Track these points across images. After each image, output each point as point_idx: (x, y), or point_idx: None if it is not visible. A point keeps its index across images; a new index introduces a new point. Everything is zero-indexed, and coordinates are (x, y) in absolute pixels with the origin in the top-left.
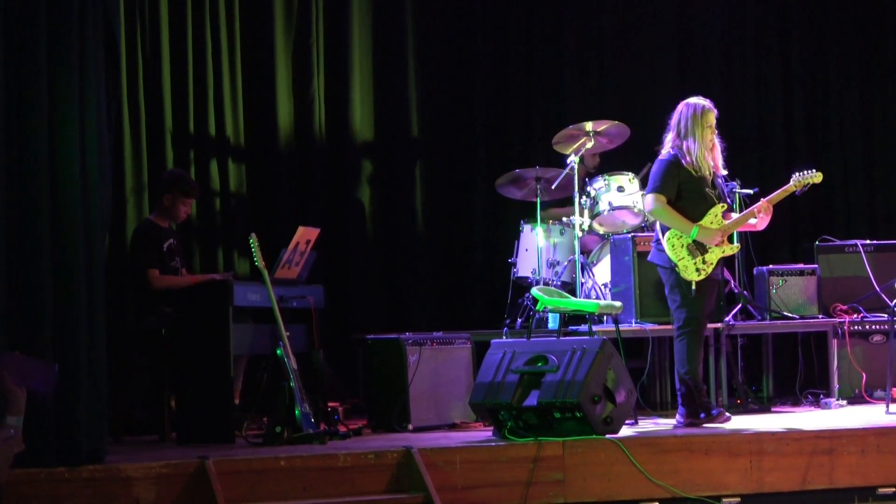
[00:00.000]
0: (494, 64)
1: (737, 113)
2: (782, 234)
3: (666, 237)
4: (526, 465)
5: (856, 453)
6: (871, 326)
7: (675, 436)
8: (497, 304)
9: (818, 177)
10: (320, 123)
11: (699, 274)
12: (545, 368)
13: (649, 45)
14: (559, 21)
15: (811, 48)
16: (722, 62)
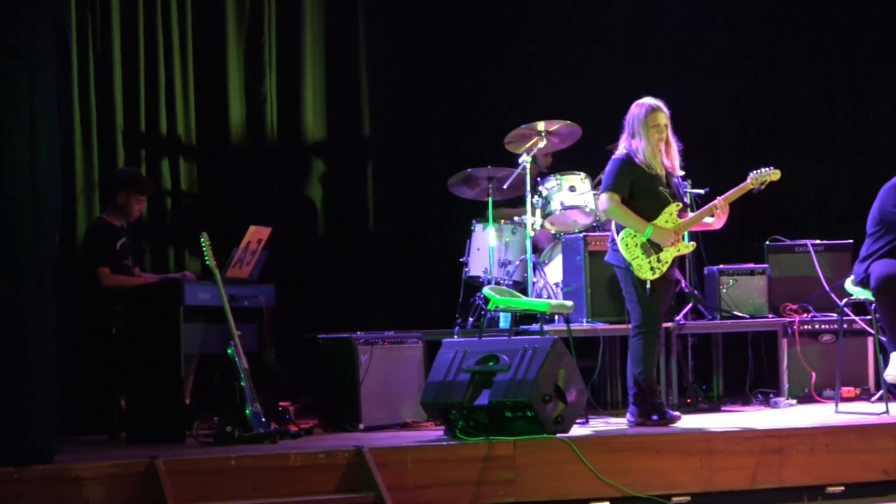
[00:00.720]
0: (447, 63)
1: (689, 113)
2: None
3: (620, 236)
4: (477, 464)
5: (805, 452)
6: (821, 326)
7: (626, 435)
8: (449, 303)
9: (776, 174)
10: (272, 122)
11: (654, 273)
12: (496, 368)
13: (602, 44)
14: (512, 20)
15: (763, 49)
16: (675, 62)
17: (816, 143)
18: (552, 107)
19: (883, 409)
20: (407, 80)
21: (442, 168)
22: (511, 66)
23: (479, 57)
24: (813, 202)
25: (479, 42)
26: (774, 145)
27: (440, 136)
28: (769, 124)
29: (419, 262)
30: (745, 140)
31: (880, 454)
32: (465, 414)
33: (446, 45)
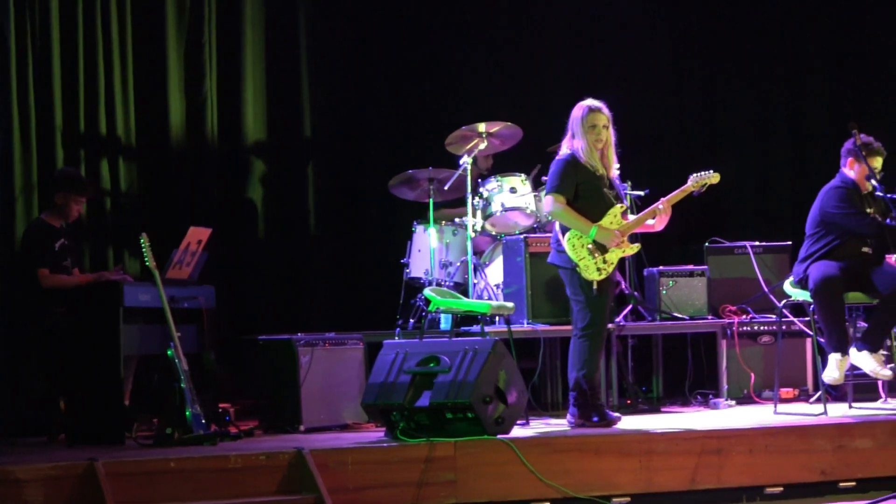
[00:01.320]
0: (388, 64)
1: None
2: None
3: (566, 237)
4: (418, 465)
5: (744, 453)
6: (760, 327)
7: (567, 436)
8: (389, 304)
9: (715, 177)
10: (213, 123)
11: (600, 273)
12: (437, 369)
13: (543, 46)
14: (454, 21)
15: (704, 52)
16: (616, 64)
17: (756, 145)
18: (493, 108)
19: (821, 410)
20: (348, 82)
21: (383, 169)
22: (452, 68)
23: (421, 58)
24: (752, 204)
25: (420, 43)
26: (714, 147)
27: (381, 137)
28: (710, 127)
29: (360, 264)
30: (686, 142)
31: (819, 455)
32: (406, 415)
33: (388, 47)
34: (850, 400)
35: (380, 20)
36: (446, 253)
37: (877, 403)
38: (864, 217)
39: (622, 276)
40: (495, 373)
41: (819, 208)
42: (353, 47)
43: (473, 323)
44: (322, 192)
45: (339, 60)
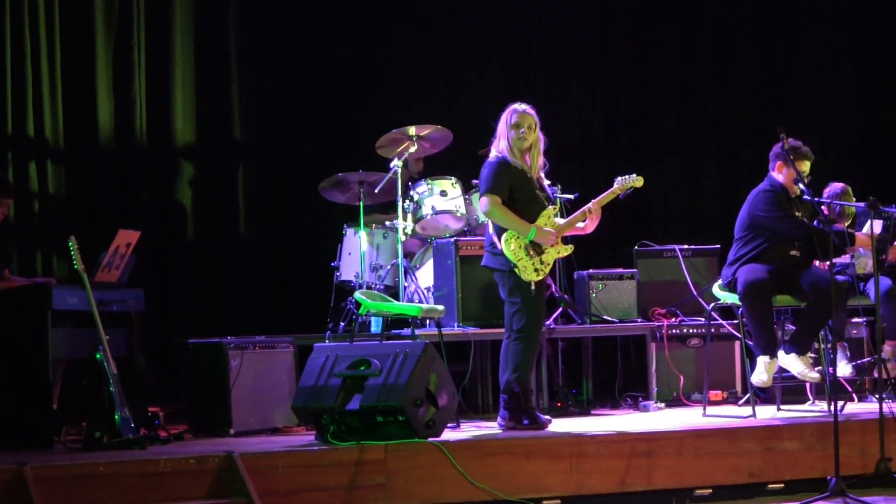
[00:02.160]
0: (319, 66)
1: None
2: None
3: (503, 239)
4: (348, 468)
5: (673, 455)
6: (689, 330)
7: (497, 439)
8: (320, 307)
9: (639, 181)
10: (142, 125)
11: (538, 275)
12: (368, 372)
13: (473, 50)
14: (384, 24)
15: (632, 57)
16: (544, 68)
17: (684, 149)
18: (424, 112)
19: (750, 413)
20: (278, 84)
21: (313, 172)
22: (383, 71)
23: (351, 61)
24: (681, 207)
25: (351, 46)
26: (643, 151)
27: (312, 140)
28: (638, 130)
29: (290, 267)
30: (615, 146)
31: (747, 457)
32: (337, 419)
33: (318, 50)
34: (778, 402)
35: (310, 23)
36: (377, 256)
37: (805, 406)
38: (793, 220)
39: (552, 279)
40: (426, 376)
41: (748, 212)
42: (284, 50)
43: (404, 326)
44: (252, 194)
45: (270, 63)
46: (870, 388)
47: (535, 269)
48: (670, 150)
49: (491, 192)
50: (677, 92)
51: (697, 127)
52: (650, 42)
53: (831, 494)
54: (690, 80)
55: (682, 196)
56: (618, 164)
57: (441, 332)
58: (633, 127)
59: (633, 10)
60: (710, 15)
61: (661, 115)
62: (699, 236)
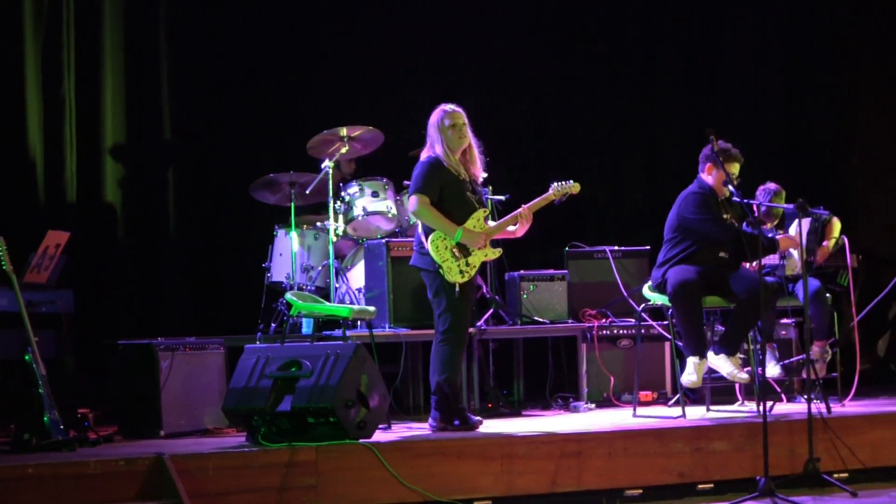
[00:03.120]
0: (250, 67)
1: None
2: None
3: (430, 239)
4: (279, 470)
5: (603, 456)
6: (619, 331)
7: (429, 440)
8: (251, 308)
9: (576, 187)
10: (71, 125)
11: (463, 276)
12: (299, 373)
13: (404, 51)
14: (315, 25)
15: (562, 59)
16: (476, 70)
17: (614, 150)
18: (355, 113)
19: (679, 413)
20: (209, 84)
21: (244, 173)
22: (314, 72)
23: (282, 62)
24: (611, 209)
25: (281, 46)
26: (574, 153)
27: (242, 140)
28: (569, 133)
29: (221, 268)
30: (546, 148)
31: (677, 457)
32: (268, 420)
33: (249, 50)
34: (707, 403)
35: (241, 23)
36: (308, 257)
37: (734, 406)
38: (721, 223)
39: (483, 280)
40: (357, 377)
41: (677, 214)
42: (215, 50)
43: (335, 327)
44: (182, 195)
45: (200, 63)
46: (798, 389)
47: (460, 271)
48: (600, 152)
49: (420, 191)
50: (607, 94)
51: (627, 129)
52: (579, 45)
53: (760, 494)
54: (619, 83)
55: (612, 197)
56: (548, 166)
57: (372, 334)
58: (563, 129)
59: (561, 14)
60: (638, 19)
61: (591, 117)
62: (629, 238)
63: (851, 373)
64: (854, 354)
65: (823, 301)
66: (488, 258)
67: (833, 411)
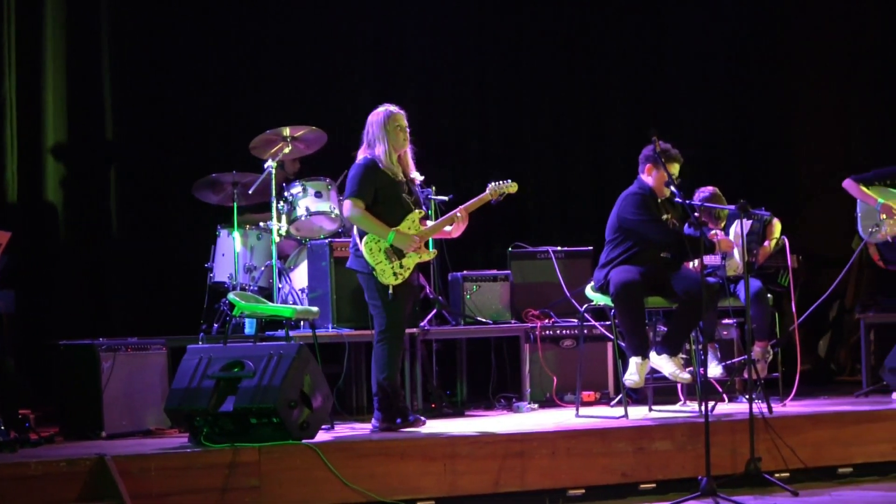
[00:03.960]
0: (192, 66)
1: (432, 121)
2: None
3: (364, 242)
4: (222, 471)
5: (546, 456)
6: (562, 331)
7: (371, 440)
8: (193, 309)
9: (513, 187)
10: (12, 125)
11: (396, 278)
12: (241, 374)
13: (348, 51)
14: (259, 24)
15: (506, 59)
16: (419, 71)
17: (557, 151)
18: (298, 112)
19: (622, 413)
20: (151, 83)
21: (187, 173)
22: (257, 71)
23: (225, 61)
24: (554, 209)
25: (224, 46)
26: (517, 154)
27: (185, 140)
28: (512, 134)
29: (163, 268)
30: (489, 148)
31: (619, 457)
32: (210, 421)
33: (192, 49)
34: (650, 403)
35: (183, 22)
36: (250, 257)
37: (676, 406)
38: (660, 224)
39: (427, 280)
40: (300, 377)
41: (616, 214)
42: (157, 50)
43: (278, 327)
44: (124, 195)
45: (143, 63)
46: (740, 389)
47: (393, 273)
48: (544, 152)
49: (354, 195)
50: (550, 94)
51: (570, 129)
52: (524, 45)
53: (702, 494)
54: (564, 83)
55: (555, 198)
56: (492, 166)
57: (315, 334)
58: (507, 129)
59: (506, 13)
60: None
61: (535, 117)
62: (572, 238)
63: (792, 373)
64: (795, 354)
65: (765, 301)
66: (423, 259)
67: (774, 411)
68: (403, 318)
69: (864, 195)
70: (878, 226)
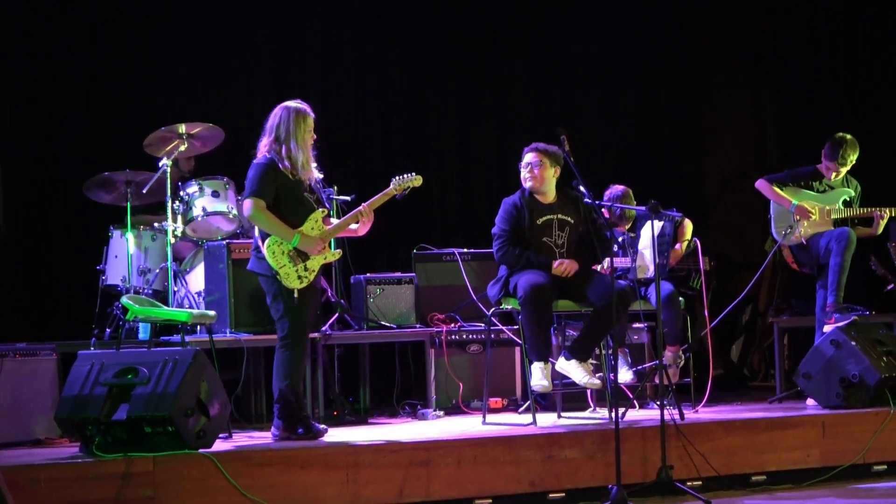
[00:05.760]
0: (84, 62)
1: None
2: (380, 241)
3: (266, 244)
4: (115, 482)
5: (452, 465)
6: (469, 336)
7: (271, 449)
8: (85, 313)
9: (418, 180)
10: None
11: (301, 282)
12: (135, 381)
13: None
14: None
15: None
16: (320, 67)
17: (463, 150)
18: (195, 109)
19: (530, 420)
20: (41, 79)
21: (77, 171)
22: (151, 67)
23: (118, 57)
24: (460, 210)
25: (116, 41)
26: (421, 152)
27: (76, 137)
28: (417, 132)
29: (53, 270)
30: (393, 147)
31: (527, 465)
32: (103, 429)
33: (83, 45)
34: (559, 409)
35: (75, 17)
36: (145, 259)
37: (586, 413)
38: (500, 240)
39: (328, 283)
40: (197, 384)
41: None
42: (47, 44)
43: (173, 332)
44: (12, 194)
45: (32, 58)
46: (651, 395)
47: (298, 277)
48: (448, 151)
49: (255, 195)
50: (455, 93)
51: (476, 128)
52: (428, 42)
53: (612, 503)
54: (468, 80)
55: (460, 198)
56: (396, 165)
57: (212, 339)
58: (411, 128)
59: (410, 9)
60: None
61: (439, 116)
62: (479, 240)
63: (705, 378)
64: (707, 359)
65: (676, 305)
66: (328, 260)
67: (686, 418)
68: (308, 322)
69: (777, 196)
70: (792, 228)
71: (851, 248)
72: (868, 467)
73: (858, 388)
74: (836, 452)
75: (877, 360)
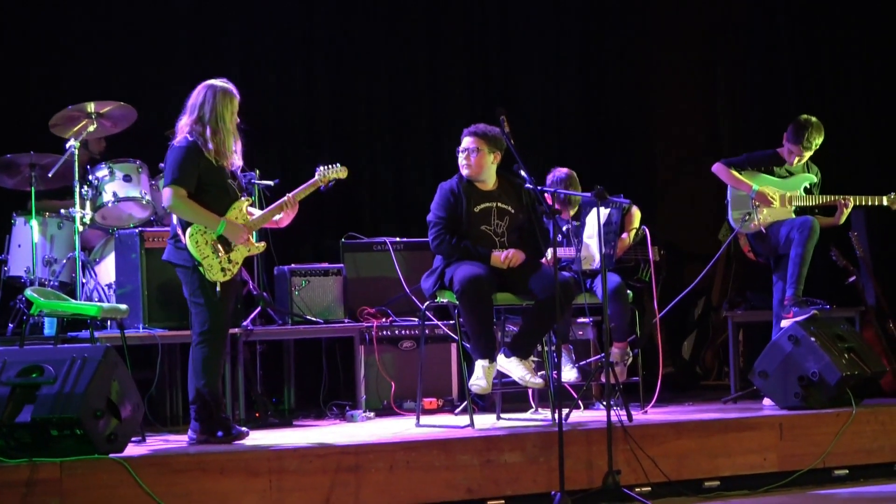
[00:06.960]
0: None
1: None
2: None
3: (188, 233)
4: (18, 489)
5: (384, 470)
6: (401, 332)
7: (187, 454)
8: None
9: (343, 172)
10: None
11: (225, 274)
12: (41, 380)
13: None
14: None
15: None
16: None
17: (395, 135)
18: (104, 86)
19: (467, 422)
20: None
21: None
22: (59, 40)
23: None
24: (391, 197)
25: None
26: (350, 136)
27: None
28: (345, 114)
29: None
30: (319, 133)
31: (464, 470)
32: (5, 433)
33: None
34: (498, 410)
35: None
36: (50, 248)
37: (527, 414)
38: (435, 229)
39: (250, 275)
40: (107, 384)
41: None
42: None
43: (82, 328)
44: None
45: None
46: (597, 395)
47: (221, 269)
48: (380, 136)
49: (176, 182)
50: (387, 74)
51: (409, 112)
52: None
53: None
54: (402, 61)
55: (391, 184)
56: (322, 150)
57: (124, 335)
58: (338, 111)
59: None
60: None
61: (370, 99)
62: (412, 228)
63: (654, 376)
64: (657, 356)
65: (624, 298)
66: (252, 252)
67: (634, 419)
68: (228, 317)
69: (736, 181)
70: (751, 215)
71: (814, 238)
72: (828, 472)
73: (818, 387)
74: (794, 456)
75: (838, 357)
